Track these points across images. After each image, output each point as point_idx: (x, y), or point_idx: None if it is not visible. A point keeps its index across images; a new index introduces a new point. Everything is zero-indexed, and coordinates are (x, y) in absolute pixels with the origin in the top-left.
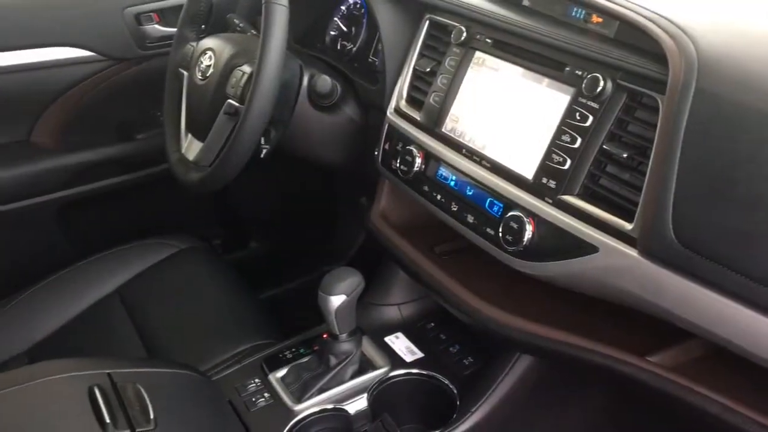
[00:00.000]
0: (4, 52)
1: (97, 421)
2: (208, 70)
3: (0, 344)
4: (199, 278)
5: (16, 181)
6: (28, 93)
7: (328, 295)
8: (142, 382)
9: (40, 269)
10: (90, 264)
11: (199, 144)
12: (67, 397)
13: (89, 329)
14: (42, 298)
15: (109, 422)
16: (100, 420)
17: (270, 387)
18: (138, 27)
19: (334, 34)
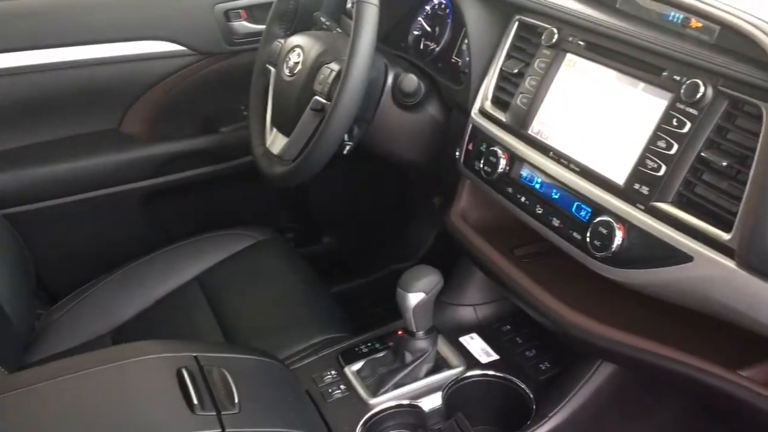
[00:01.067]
0: (102, 44)
1: (185, 402)
2: (296, 67)
3: (86, 325)
4: (275, 269)
5: (105, 168)
6: (122, 84)
7: (406, 292)
8: (227, 366)
9: (124, 254)
10: (171, 251)
11: (284, 139)
12: (156, 377)
13: (169, 314)
14: (126, 283)
15: (197, 403)
16: (188, 400)
17: (346, 379)
18: (226, 23)
19: (417, 33)
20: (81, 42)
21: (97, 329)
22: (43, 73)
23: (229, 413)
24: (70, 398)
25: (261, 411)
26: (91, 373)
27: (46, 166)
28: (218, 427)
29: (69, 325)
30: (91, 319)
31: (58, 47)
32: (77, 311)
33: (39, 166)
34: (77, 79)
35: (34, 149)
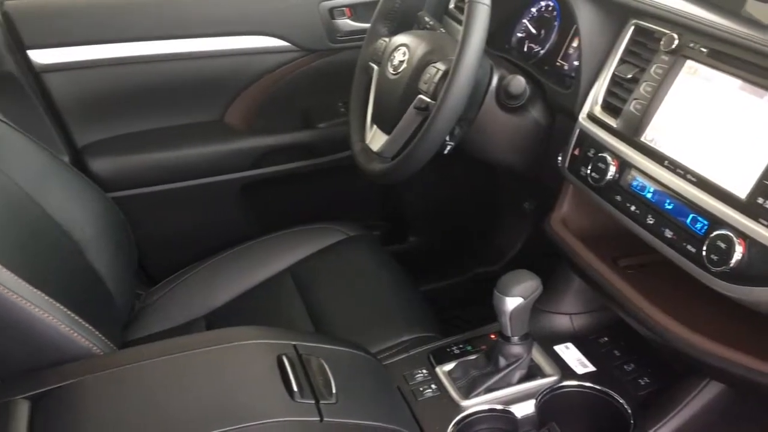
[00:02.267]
0: (211, 38)
1: (285, 388)
2: (401, 66)
3: (181, 307)
4: (365, 265)
5: (208, 158)
6: (228, 77)
7: (504, 296)
8: (324, 356)
9: (221, 242)
10: (265, 242)
11: (384, 136)
12: (258, 362)
13: (261, 302)
14: (221, 269)
15: (297, 390)
16: (288, 387)
17: (437, 379)
18: (331, 21)
19: (521, 35)
20: (191, 35)
21: (191, 312)
22: (154, 64)
23: (327, 402)
24: (176, 376)
25: (357, 403)
26: (196, 354)
27: (154, 153)
28: (317, 415)
29: (165, 307)
30: (186, 303)
31: (170, 39)
32: (174, 294)
33: (147, 152)
34: (186, 71)
35: (143, 136)
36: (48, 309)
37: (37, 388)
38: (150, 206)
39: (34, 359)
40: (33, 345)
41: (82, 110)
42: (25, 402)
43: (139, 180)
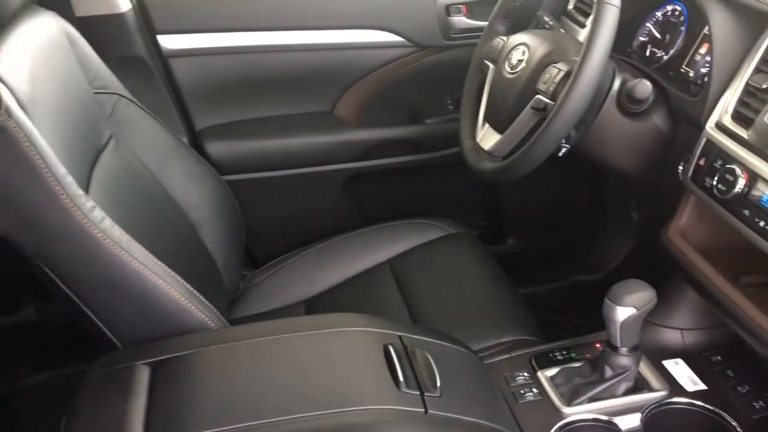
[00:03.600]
0: (327, 30)
1: (391, 377)
2: (519, 65)
3: (282, 291)
4: (465, 263)
5: (317, 148)
6: (341, 69)
7: (616, 305)
8: (429, 350)
9: (323, 230)
10: (367, 233)
11: (497, 135)
12: (364, 350)
13: (360, 292)
14: (322, 257)
15: (402, 381)
16: (394, 376)
17: (539, 383)
18: (446, 17)
19: (644, 39)
20: (308, 27)
21: (292, 297)
22: (272, 54)
23: (432, 395)
24: (287, 355)
25: (461, 398)
26: (305, 336)
27: (266, 140)
28: (421, 407)
29: (267, 290)
30: (287, 287)
31: (288, 30)
32: (276, 278)
33: (259, 139)
34: (301, 62)
35: (257, 123)
36: (171, 282)
37: (157, 356)
38: (259, 191)
39: (155, 328)
40: (156, 315)
41: (203, 95)
42: (146, 367)
43: (251, 165)
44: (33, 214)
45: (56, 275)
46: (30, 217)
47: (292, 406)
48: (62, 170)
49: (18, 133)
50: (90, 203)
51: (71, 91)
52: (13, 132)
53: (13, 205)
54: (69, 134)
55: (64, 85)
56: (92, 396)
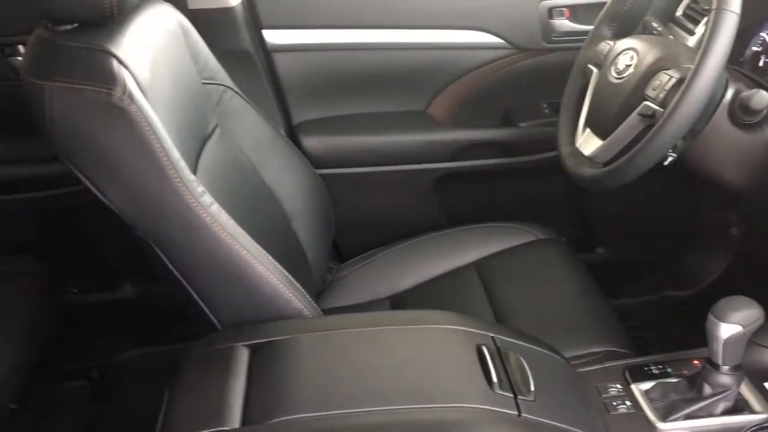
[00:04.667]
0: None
1: (484, 377)
2: (627, 70)
3: (367, 286)
4: (554, 270)
5: (410, 146)
6: (437, 69)
7: (721, 321)
8: (521, 353)
9: (411, 228)
10: (453, 234)
11: (598, 141)
12: (457, 348)
13: (445, 292)
14: (408, 255)
15: (496, 381)
16: (488, 377)
17: (632, 396)
18: (548, 20)
19: (757, 49)
20: (408, 26)
21: (377, 292)
22: (371, 51)
23: (525, 399)
24: (380, 347)
25: (554, 404)
26: (398, 330)
27: (359, 137)
28: (515, 409)
29: (353, 284)
30: (373, 282)
31: (388, 29)
32: (362, 272)
33: (353, 135)
34: (399, 61)
35: (352, 119)
36: (272, 269)
37: (256, 339)
38: (349, 186)
39: (254, 312)
40: (256, 299)
41: (301, 89)
42: (245, 349)
43: (343, 160)
44: (147, 195)
45: (165, 255)
46: (144, 198)
47: (386, 397)
48: (177, 154)
49: (139, 117)
50: (200, 188)
51: (183, 80)
52: (135, 115)
53: (130, 185)
54: (180, 121)
55: (177, 74)
56: (194, 372)
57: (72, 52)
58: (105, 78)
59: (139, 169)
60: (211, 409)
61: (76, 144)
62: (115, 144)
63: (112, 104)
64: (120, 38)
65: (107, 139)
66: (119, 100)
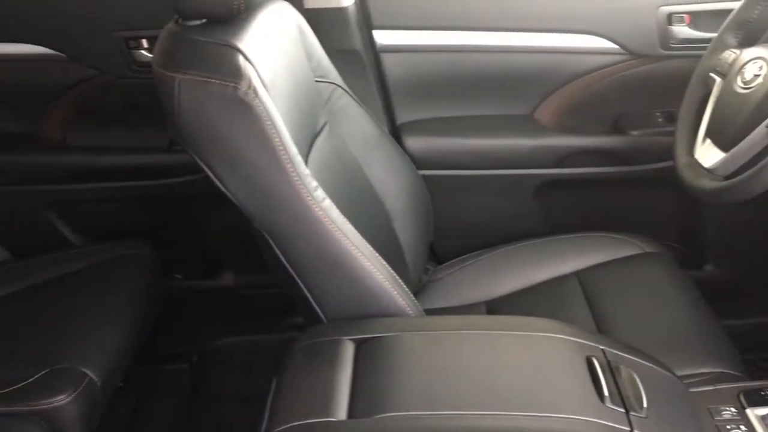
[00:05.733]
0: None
1: (594, 390)
2: (755, 80)
3: (463, 289)
4: (662, 285)
5: (513, 150)
6: (546, 73)
7: None
8: (633, 368)
9: (509, 234)
10: (554, 242)
11: (720, 153)
12: (566, 358)
13: (544, 300)
14: (507, 260)
15: (607, 395)
16: (598, 390)
17: (747, 421)
18: (666, 26)
19: None
20: (518, 29)
21: (473, 296)
22: (479, 54)
23: (638, 415)
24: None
25: (667, 423)
26: (504, 335)
27: (463, 139)
28: (626, 425)
29: (449, 286)
30: (469, 286)
31: (496, 31)
32: (459, 275)
33: (457, 137)
34: (507, 64)
35: (455, 122)
36: (378, 266)
37: (361, 333)
38: (450, 188)
39: (359, 308)
40: (362, 295)
41: (407, 90)
42: (351, 343)
43: (446, 162)
44: (265, 187)
45: (277, 247)
46: (262, 190)
47: (491, 401)
48: (294, 149)
49: (261, 111)
50: (314, 183)
51: (298, 77)
52: (257, 110)
53: (249, 176)
54: (295, 117)
55: (293, 71)
56: (301, 362)
57: (201, 47)
58: (231, 72)
59: (259, 161)
60: (318, 399)
61: (200, 134)
62: (237, 136)
63: (237, 98)
64: (245, 35)
65: (230, 131)
66: (244, 94)
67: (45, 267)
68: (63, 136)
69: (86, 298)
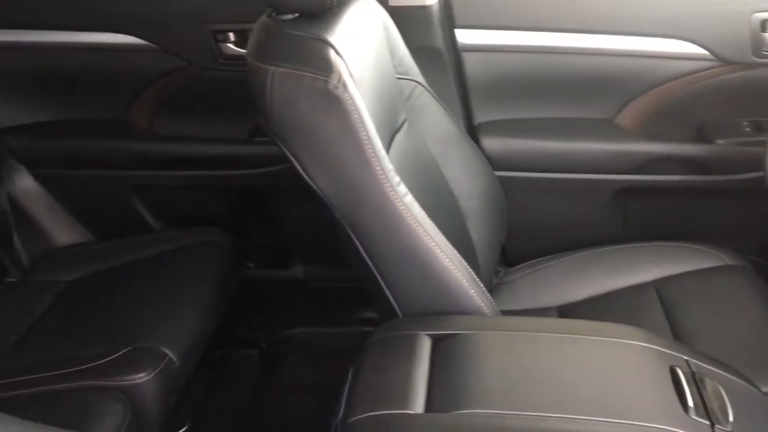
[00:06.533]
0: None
1: (678, 400)
2: None
3: (535, 292)
4: (746, 298)
5: (592, 155)
6: (629, 77)
7: None
8: (717, 380)
9: (584, 239)
10: (630, 249)
11: None
12: (648, 366)
13: (619, 308)
14: (581, 266)
15: (692, 406)
16: (682, 400)
17: None
18: (760, 33)
19: None
20: (603, 31)
21: (545, 300)
22: (560, 56)
23: (723, 429)
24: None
25: None
26: (584, 339)
27: (541, 141)
28: None
29: (520, 289)
30: (541, 290)
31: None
32: (530, 279)
33: (534, 139)
34: (590, 67)
35: (534, 123)
36: (457, 264)
37: (438, 330)
38: (525, 190)
39: (435, 304)
40: (439, 292)
41: (486, 90)
42: (428, 338)
43: (522, 164)
44: (349, 180)
45: (358, 240)
46: (346, 182)
47: (572, 405)
48: (379, 144)
49: (350, 105)
50: (397, 178)
51: (382, 73)
52: (347, 103)
53: (335, 168)
54: (378, 113)
55: (378, 66)
56: (378, 355)
57: (294, 40)
58: (323, 66)
59: (345, 154)
60: (396, 391)
61: (290, 125)
62: (325, 128)
63: (327, 91)
64: (336, 29)
65: (319, 123)
66: (334, 87)
67: (126, 249)
68: (149, 125)
69: (166, 280)
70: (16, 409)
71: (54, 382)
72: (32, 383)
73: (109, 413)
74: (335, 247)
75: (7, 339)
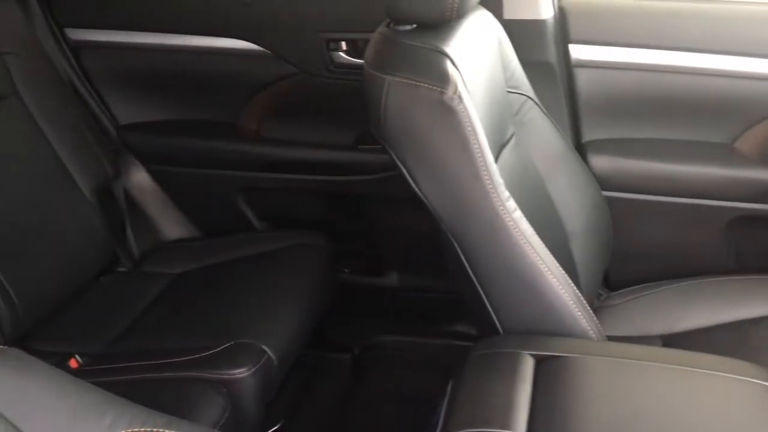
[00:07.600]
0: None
1: None
2: None
3: (639, 320)
4: None
5: (708, 180)
6: (752, 101)
7: None
8: None
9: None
10: (746, 281)
11: None
12: (762, 405)
13: (732, 342)
14: (689, 294)
15: None
16: None
17: None
18: None
19: None
20: (727, 51)
21: (648, 328)
22: (675, 75)
23: None
24: (679, 388)
25: None
26: (698, 373)
27: (653, 163)
28: None
29: (623, 315)
30: (645, 317)
31: (700, 53)
32: (634, 305)
33: (647, 160)
34: (706, 87)
35: (647, 144)
36: (564, 285)
37: (542, 350)
38: (633, 213)
39: (539, 324)
40: (543, 311)
41: (597, 107)
42: (531, 358)
43: (631, 185)
44: (458, 191)
45: (463, 252)
46: (455, 194)
47: None
48: (491, 157)
49: (464, 117)
50: (506, 193)
51: (493, 87)
52: (461, 115)
53: (445, 179)
54: (488, 125)
55: (490, 79)
56: (480, 371)
57: (412, 51)
58: (440, 77)
59: (456, 166)
60: (498, 410)
61: (403, 134)
62: (438, 139)
63: (443, 102)
64: (453, 41)
65: (432, 134)
66: (450, 99)
67: (231, 246)
68: (257, 128)
69: (267, 279)
70: (119, 395)
71: (156, 371)
72: (135, 370)
73: (211, 405)
74: (430, 258)
75: (115, 326)
